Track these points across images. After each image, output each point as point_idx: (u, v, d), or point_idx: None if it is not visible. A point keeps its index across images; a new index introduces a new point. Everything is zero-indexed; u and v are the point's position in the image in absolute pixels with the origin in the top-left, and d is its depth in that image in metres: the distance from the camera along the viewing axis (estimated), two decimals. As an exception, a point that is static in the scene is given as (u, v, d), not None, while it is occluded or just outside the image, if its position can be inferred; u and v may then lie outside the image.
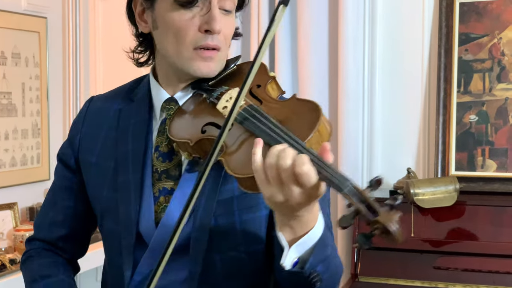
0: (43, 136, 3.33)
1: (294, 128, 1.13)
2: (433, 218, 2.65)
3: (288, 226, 1.16)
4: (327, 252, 1.19)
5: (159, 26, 1.38)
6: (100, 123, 1.50)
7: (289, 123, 1.15)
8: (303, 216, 1.15)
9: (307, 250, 1.17)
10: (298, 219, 1.15)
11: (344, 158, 2.95)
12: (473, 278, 2.55)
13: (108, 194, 1.44)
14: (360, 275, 2.67)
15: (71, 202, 1.53)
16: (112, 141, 1.46)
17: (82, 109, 1.57)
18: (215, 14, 1.32)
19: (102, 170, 1.46)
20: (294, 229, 1.16)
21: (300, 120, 1.16)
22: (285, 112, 1.20)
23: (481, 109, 2.85)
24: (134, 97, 1.49)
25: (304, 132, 1.11)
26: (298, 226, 1.15)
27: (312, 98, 2.99)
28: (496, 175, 2.81)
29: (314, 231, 1.16)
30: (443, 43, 2.90)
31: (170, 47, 1.36)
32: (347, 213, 1.04)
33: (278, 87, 1.32)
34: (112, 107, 1.51)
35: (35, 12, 3.27)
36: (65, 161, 1.54)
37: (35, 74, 3.28)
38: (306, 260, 1.16)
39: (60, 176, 1.56)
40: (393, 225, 0.99)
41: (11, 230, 2.98)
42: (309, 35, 3.01)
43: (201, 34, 1.33)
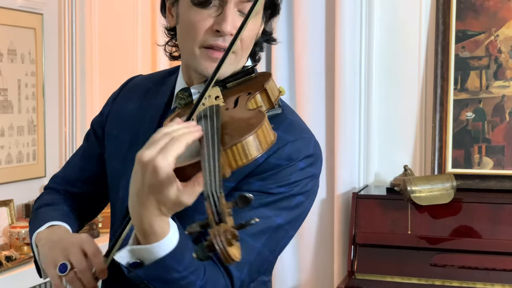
0: (39, 133, 3.32)
1: (229, 133, 1.11)
2: (429, 216, 2.65)
3: (136, 228, 1.13)
4: (170, 275, 1.14)
5: (180, 21, 1.39)
6: (130, 98, 1.55)
7: (229, 129, 1.14)
8: (149, 225, 1.10)
9: (145, 261, 1.14)
10: (144, 225, 1.11)
11: (341, 155, 2.95)
12: (469, 275, 2.55)
13: (117, 165, 1.48)
14: (357, 272, 2.68)
15: (88, 166, 1.60)
16: (133, 116, 1.50)
17: (124, 83, 1.63)
18: (228, 15, 1.31)
19: (119, 143, 1.49)
20: (142, 233, 1.12)
21: (239, 128, 1.13)
22: (236, 120, 1.18)
23: (478, 106, 2.85)
24: (167, 81, 1.52)
25: (234, 138, 1.09)
26: (142, 234, 1.12)
27: (309, 95, 3.01)
28: (492, 173, 2.81)
29: (153, 247, 1.12)
30: (440, 40, 2.90)
31: (185, 43, 1.38)
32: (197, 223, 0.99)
33: (268, 99, 1.29)
34: (146, 85, 1.55)
35: (31, 9, 3.26)
36: (94, 129, 1.61)
37: (31, 71, 3.27)
38: (138, 269, 1.14)
39: (87, 141, 1.63)
40: (219, 243, 0.91)
41: (6, 227, 2.97)
42: (306, 30, 3.01)
43: (212, 33, 1.33)
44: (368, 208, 2.73)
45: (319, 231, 3.04)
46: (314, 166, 1.34)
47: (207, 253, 0.93)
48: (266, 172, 1.29)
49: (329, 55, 3.02)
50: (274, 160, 1.29)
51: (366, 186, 3.00)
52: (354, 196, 2.76)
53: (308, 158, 1.32)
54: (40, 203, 1.59)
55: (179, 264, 1.14)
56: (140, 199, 1.09)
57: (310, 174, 1.33)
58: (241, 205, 0.97)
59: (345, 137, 2.94)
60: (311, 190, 1.35)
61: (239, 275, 1.25)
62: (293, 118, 1.37)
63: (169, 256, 1.12)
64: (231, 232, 0.93)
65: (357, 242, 2.70)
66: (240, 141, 1.07)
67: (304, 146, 1.33)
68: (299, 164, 1.31)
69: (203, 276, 1.19)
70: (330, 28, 3.01)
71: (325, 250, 3.04)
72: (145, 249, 1.12)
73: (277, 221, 1.28)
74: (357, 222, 2.73)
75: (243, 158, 1.08)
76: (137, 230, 1.13)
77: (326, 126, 3.04)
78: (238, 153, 1.07)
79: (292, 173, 1.30)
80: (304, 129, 1.37)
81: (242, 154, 1.08)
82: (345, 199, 2.93)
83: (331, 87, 3.01)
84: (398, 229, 2.66)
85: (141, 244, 1.13)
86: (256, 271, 1.30)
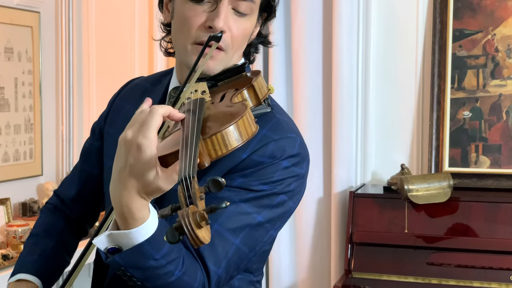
0: (36, 131, 3.32)
1: (210, 123, 1.13)
2: (426, 214, 2.65)
3: (116, 211, 1.13)
4: (146, 263, 1.13)
5: (174, 16, 1.40)
6: (128, 98, 1.56)
7: (210, 120, 1.15)
8: (127, 207, 1.10)
9: (123, 247, 1.13)
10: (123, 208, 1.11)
11: (338, 154, 2.95)
12: (466, 274, 2.56)
13: (110, 164, 1.47)
14: (354, 271, 2.68)
15: (87, 166, 1.62)
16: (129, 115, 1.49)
17: (125, 83, 1.64)
18: (221, 11, 1.32)
19: (114, 142, 1.49)
20: (121, 218, 1.12)
21: (220, 119, 1.15)
22: (218, 112, 1.20)
23: (475, 105, 2.85)
24: (163, 80, 1.53)
25: (214, 128, 1.10)
26: (121, 218, 1.12)
27: (306, 94, 3.01)
28: (489, 172, 2.82)
29: (131, 232, 1.12)
30: (437, 39, 2.90)
31: (178, 38, 1.38)
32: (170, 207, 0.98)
33: (255, 95, 1.30)
34: (144, 86, 1.56)
35: (28, 7, 3.25)
36: (94, 129, 1.63)
37: (28, 69, 3.26)
38: (116, 255, 1.14)
39: (87, 142, 1.65)
40: (188, 224, 0.90)
41: (3, 225, 2.97)
42: (303, 28, 3.00)
43: (204, 30, 1.33)
44: (365, 207, 2.73)
45: (316, 229, 3.04)
46: (299, 166, 1.33)
47: (176, 236, 0.93)
48: (249, 168, 1.29)
49: (326, 54, 3.02)
50: (257, 157, 1.29)
51: (363, 185, 3.00)
52: (351, 195, 2.76)
53: (293, 158, 1.32)
54: (34, 229, 1.62)
55: (157, 252, 1.13)
56: (121, 180, 1.10)
57: (294, 174, 1.32)
58: (213, 189, 0.96)
59: (342, 136, 2.94)
60: (295, 190, 1.34)
61: (216, 269, 1.24)
62: (281, 118, 1.37)
63: (147, 242, 1.12)
64: (200, 214, 0.92)
65: (354, 241, 2.70)
66: (219, 130, 1.08)
67: (289, 145, 1.32)
68: (282, 163, 1.30)
69: (181, 266, 1.18)
70: (327, 27, 3.01)
71: (322, 249, 3.05)
72: (124, 234, 1.12)
73: (258, 218, 1.28)
74: (354, 221, 2.73)
75: (223, 148, 1.09)
76: (116, 214, 1.12)
77: (323, 125, 3.04)
78: (217, 142, 1.08)
79: (275, 172, 1.29)
80: (291, 129, 1.36)
81: (221, 144, 1.08)
82: (342, 198, 2.93)
83: (328, 86, 3.01)
84: (395, 228, 2.67)
85: (120, 230, 1.12)
86: (234, 267, 1.29)
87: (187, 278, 1.20)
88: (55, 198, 1.67)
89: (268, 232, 1.32)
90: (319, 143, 3.04)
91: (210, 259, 1.24)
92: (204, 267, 1.24)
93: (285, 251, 3.08)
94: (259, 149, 1.29)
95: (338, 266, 2.93)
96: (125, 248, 1.13)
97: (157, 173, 1.07)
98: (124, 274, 1.15)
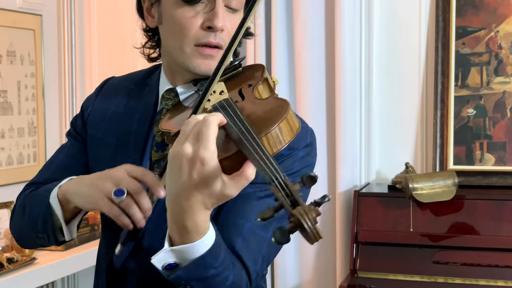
0: (40, 134, 3.31)
1: (257, 122, 1.13)
2: (431, 213, 2.65)
3: (176, 226, 1.12)
4: (207, 273, 1.14)
5: (164, 21, 1.38)
6: (111, 99, 1.53)
7: (256, 118, 1.15)
8: (192, 220, 1.10)
9: (183, 261, 1.13)
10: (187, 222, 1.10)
11: (342, 153, 2.94)
12: (472, 272, 2.55)
13: (104, 169, 1.44)
14: (359, 271, 2.67)
15: (77, 164, 1.55)
16: (118, 118, 1.48)
17: (100, 84, 1.60)
18: (218, 11, 1.31)
19: (104, 145, 1.48)
20: (180, 233, 1.11)
21: (267, 116, 1.16)
22: (258, 109, 1.20)
23: (479, 102, 2.84)
24: (149, 81, 1.51)
25: (266, 126, 1.11)
26: (183, 232, 1.11)
27: (309, 94, 3.01)
28: (494, 169, 2.81)
29: (195, 245, 1.12)
30: (440, 37, 2.89)
31: (172, 42, 1.37)
32: (270, 208, 1.00)
33: (269, 88, 1.30)
34: (127, 87, 1.54)
35: (30, 10, 3.25)
36: (75, 129, 1.57)
37: (31, 72, 3.26)
38: (176, 271, 1.14)
39: (70, 140, 1.58)
40: (308, 221, 0.93)
41: (7, 229, 2.97)
42: (306, 26, 3.00)
43: (203, 31, 1.32)
44: (369, 206, 2.72)
45: (321, 229, 3.03)
46: (311, 155, 1.36)
47: (288, 236, 0.95)
48: None
49: (329, 53, 3.02)
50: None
51: (367, 184, 3.00)
52: (356, 194, 2.75)
53: (307, 148, 1.34)
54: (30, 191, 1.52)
55: (216, 260, 1.14)
56: (185, 196, 1.08)
57: (308, 163, 1.35)
58: (308, 184, 1.00)
59: (346, 135, 2.94)
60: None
61: (254, 266, 1.26)
62: None
63: (209, 252, 1.12)
64: (315, 211, 0.95)
65: (359, 240, 2.69)
66: (274, 128, 1.09)
67: (303, 135, 1.33)
68: (299, 153, 1.32)
69: (233, 270, 1.19)
70: (330, 27, 3.00)
71: (327, 248, 3.04)
72: (187, 247, 1.11)
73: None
74: (359, 220, 2.72)
75: (278, 144, 1.10)
76: (176, 230, 1.11)
77: (326, 124, 3.03)
78: (273, 139, 1.09)
79: (294, 162, 1.31)
80: (300, 119, 1.36)
81: (276, 141, 1.10)
82: (347, 197, 2.93)
83: (332, 84, 3.01)
84: (400, 226, 2.66)
85: (178, 244, 1.12)
86: (267, 262, 1.31)
87: (237, 280, 1.21)
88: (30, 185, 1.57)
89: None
90: (323, 143, 3.03)
91: (248, 257, 1.25)
92: (244, 266, 1.25)
93: (290, 251, 3.07)
94: None
95: (344, 265, 2.93)
96: (184, 263, 1.12)
97: (223, 182, 1.07)
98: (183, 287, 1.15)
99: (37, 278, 2.72)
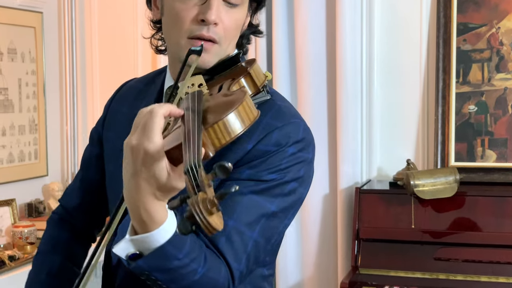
0: (41, 132, 3.31)
1: (210, 114, 1.12)
2: (433, 209, 2.65)
3: (133, 216, 1.12)
4: (170, 264, 1.13)
5: (165, 13, 1.39)
6: (124, 101, 1.55)
7: (210, 111, 1.14)
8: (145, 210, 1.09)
9: (145, 251, 1.13)
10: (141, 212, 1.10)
11: (343, 150, 2.94)
12: (473, 269, 2.55)
13: (112, 169, 1.48)
14: (361, 267, 2.67)
15: (88, 174, 1.61)
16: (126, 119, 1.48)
17: (119, 87, 1.63)
18: (212, 4, 1.31)
19: (115, 145, 1.48)
20: (139, 222, 1.11)
21: (219, 108, 1.14)
22: (219, 101, 1.19)
23: (480, 99, 2.84)
24: (157, 79, 1.52)
25: (214, 118, 1.09)
26: (140, 222, 1.11)
27: (311, 91, 3.00)
28: (496, 165, 2.80)
29: (153, 235, 1.11)
30: (441, 34, 2.88)
31: (170, 34, 1.38)
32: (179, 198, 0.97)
33: (252, 83, 1.30)
34: (138, 87, 1.55)
35: (30, 7, 3.25)
36: (92, 135, 1.63)
37: (32, 70, 3.26)
38: (139, 260, 1.13)
39: (87, 150, 1.65)
40: (198, 212, 0.89)
41: (9, 226, 2.97)
42: (306, 28, 3.00)
43: (197, 23, 1.32)
44: (371, 203, 2.72)
45: (322, 226, 3.04)
46: (305, 151, 1.32)
47: (189, 226, 0.92)
48: (255, 159, 1.27)
49: (330, 49, 3.01)
50: (262, 146, 1.28)
51: (369, 180, 2.99)
52: (357, 191, 2.75)
53: (298, 143, 1.31)
54: (41, 245, 1.62)
55: (180, 251, 1.13)
56: (134, 185, 1.08)
57: (301, 159, 1.31)
58: (221, 174, 0.94)
59: (347, 132, 2.93)
60: (305, 176, 1.33)
61: (237, 265, 1.23)
62: (282, 104, 1.36)
63: (169, 242, 1.11)
64: (210, 200, 0.91)
65: (361, 237, 2.69)
66: (221, 118, 1.08)
67: (293, 131, 1.31)
68: (288, 150, 1.29)
69: (204, 263, 1.17)
70: (331, 22, 3.00)
71: (328, 245, 3.04)
72: (145, 237, 1.11)
73: (271, 208, 1.27)
74: (361, 217, 2.72)
75: (226, 135, 1.08)
76: (134, 219, 1.11)
77: (328, 122, 3.03)
78: (220, 130, 1.08)
79: (282, 159, 1.28)
80: (293, 114, 1.35)
81: (224, 132, 1.08)
82: (348, 194, 2.93)
83: (333, 81, 3.00)
84: (401, 223, 2.66)
85: (139, 234, 1.12)
86: (253, 261, 1.28)
87: (212, 274, 1.19)
88: (60, 208, 1.67)
89: (282, 221, 1.31)
90: (324, 139, 3.03)
91: (230, 255, 1.23)
92: (226, 264, 1.23)
93: (292, 248, 3.07)
94: (263, 138, 1.28)
95: (345, 262, 2.93)
96: (146, 252, 1.12)
97: (169, 173, 1.07)
98: (148, 279, 1.14)
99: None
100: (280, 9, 3.05)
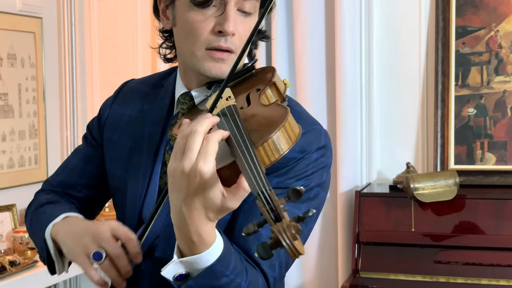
0: (41, 137, 3.32)
1: (256, 131, 1.12)
2: (433, 212, 2.65)
3: (182, 239, 1.13)
4: (219, 281, 1.14)
5: (177, 23, 1.38)
6: (128, 103, 1.53)
7: (255, 127, 1.14)
8: (197, 233, 1.10)
9: (193, 271, 1.14)
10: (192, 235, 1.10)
11: (343, 154, 2.94)
12: (474, 272, 2.55)
13: (120, 173, 1.47)
14: (361, 271, 2.67)
15: (90, 168, 1.57)
16: (134, 121, 1.49)
17: (118, 88, 1.61)
18: (229, 15, 1.30)
19: (120, 148, 1.48)
20: (188, 244, 1.12)
21: (265, 125, 1.14)
22: (259, 117, 1.19)
23: (480, 102, 2.84)
24: (165, 83, 1.51)
25: (263, 135, 1.10)
26: (189, 244, 1.12)
27: (310, 94, 3.01)
28: (495, 168, 2.81)
29: (203, 256, 1.12)
30: (440, 37, 2.89)
31: (185, 45, 1.37)
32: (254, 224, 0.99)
33: (278, 92, 1.29)
34: (143, 89, 1.54)
35: (30, 13, 3.26)
36: (91, 132, 1.59)
37: (31, 75, 3.26)
38: (187, 281, 1.14)
39: (86, 143, 1.61)
40: (286, 238, 0.91)
41: (10, 232, 2.97)
42: (306, 29, 3.00)
43: (214, 35, 1.32)
44: (371, 206, 2.72)
45: (322, 230, 3.04)
46: (326, 156, 1.35)
47: (270, 252, 0.94)
48: (282, 167, 1.28)
49: (329, 53, 3.02)
50: (288, 154, 1.28)
51: (368, 184, 3.00)
52: (357, 195, 2.75)
53: (321, 149, 1.33)
54: (39, 203, 1.55)
55: (227, 268, 1.14)
56: (188, 210, 1.09)
57: (323, 165, 1.34)
58: (294, 198, 0.97)
59: (347, 136, 2.94)
60: (326, 181, 1.36)
61: (271, 272, 1.26)
62: (300, 110, 1.37)
63: (218, 261, 1.13)
64: (295, 227, 0.93)
65: (361, 240, 2.69)
66: (270, 137, 1.08)
67: (316, 137, 1.33)
68: (313, 156, 1.31)
69: (246, 277, 1.19)
70: (330, 26, 3.00)
71: (329, 249, 3.04)
72: (196, 258, 1.12)
73: (299, 214, 1.28)
74: (361, 220, 2.72)
75: (275, 153, 1.09)
76: (183, 242, 1.12)
77: (327, 125, 3.03)
78: (270, 149, 1.08)
79: (308, 165, 1.30)
80: (313, 121, 1.37)
81: (274, 150, 1.09)
82: (348, 197, 2.93)
83: (332, 85, 3.01)
84: (401, 226, 2.66)
85: (187, 255, 1.13)
86: (285, 267, 1.31)
87: (253, 286, 1.21)
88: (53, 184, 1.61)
89: (307, 226, 1.34)
90: (324, 143, 3.03)
91: (266, 264, 1.25)
92: (262, 272, 1.25)
93: (292, 252, 3.07)
94: None
95: (345, 266, 2.93)
96: (196, 273, 1.13)
97: (223, 195, 1.07)
98: None
99: (39, 281, 2.72)
100: (280, 11, 3.06)
